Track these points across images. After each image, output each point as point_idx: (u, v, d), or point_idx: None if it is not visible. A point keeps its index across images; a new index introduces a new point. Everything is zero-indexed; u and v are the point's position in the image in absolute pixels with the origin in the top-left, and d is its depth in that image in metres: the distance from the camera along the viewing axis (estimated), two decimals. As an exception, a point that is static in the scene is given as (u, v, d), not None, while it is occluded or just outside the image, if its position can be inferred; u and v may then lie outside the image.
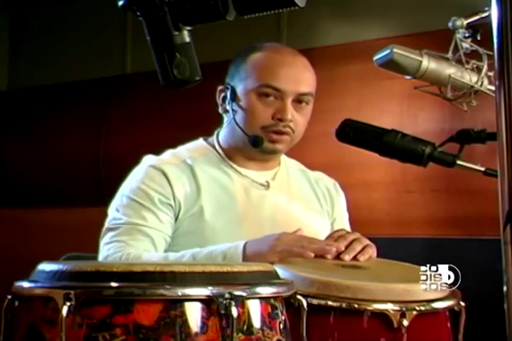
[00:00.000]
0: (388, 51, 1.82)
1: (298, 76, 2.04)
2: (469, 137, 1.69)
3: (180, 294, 1.30)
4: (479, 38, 1.81)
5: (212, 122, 2.16)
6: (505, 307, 1.15)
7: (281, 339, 1.38)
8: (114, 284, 1.30)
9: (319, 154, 3.49)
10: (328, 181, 2.25)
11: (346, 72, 3.83)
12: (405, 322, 1.52)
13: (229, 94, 2.06)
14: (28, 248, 4.14)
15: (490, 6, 1.17)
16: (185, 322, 1.30)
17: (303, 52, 2.12)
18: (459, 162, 1.68)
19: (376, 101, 3.72)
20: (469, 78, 1.82)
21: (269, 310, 1.38)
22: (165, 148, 2.14)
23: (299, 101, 2.04)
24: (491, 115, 1.18)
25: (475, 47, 1.82)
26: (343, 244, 1.83)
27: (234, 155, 2.11)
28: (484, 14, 1.80)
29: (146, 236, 1.97)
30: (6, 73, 5.32)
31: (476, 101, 1.84)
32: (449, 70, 1.82)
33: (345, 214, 2.26)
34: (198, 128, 2.26)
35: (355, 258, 1.81)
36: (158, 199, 1.99)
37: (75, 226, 4.15)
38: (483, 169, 1.66)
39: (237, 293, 1.31)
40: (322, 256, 1.79)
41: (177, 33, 1.45)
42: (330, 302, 1.54)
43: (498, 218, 1.14)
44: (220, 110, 2.11)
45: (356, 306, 1.54)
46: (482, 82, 1.83)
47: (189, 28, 1.46)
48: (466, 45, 1.82)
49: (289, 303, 1.45)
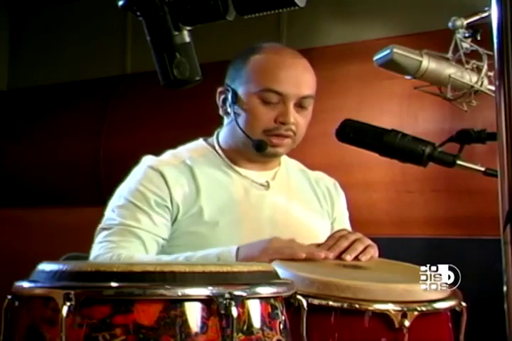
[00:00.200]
0: (388, 51, 1.82)
1: (299, 78, 2.03)
2: (469, 137, 1.69)
3: (180, 294, 1.29)
4: (479, 38, 1.81)
5: (213, 122, 2.16)
6: (505, 307, 1.15)
7: (281, 339, 1.38)
8: (114, 284, 1.30)
9: (319, 154, 3.49)
10: (329, 181, 2.25)
11: (346, 72, 3.82)
12: (407, 323, 1.52)
13: (230, 96, 2.05)
14: (28, 248, 4.13)
15: (490, 6, 1.17)
16: (185, 322, 1.29)
17: (303, 53, 2.11)
18: (459, 162, 1.68)
19: (376, 101, 3.72)
20: (469, 78, 1.82)
21: (269, 310, 1.38)
22: (165, 148, 2.14)
23: (301, 103, 2.04)
24: (491, 115, 1.18)
25: (475, 47, 1.82)
26: (345, 244, 1.83)
27: (234, 155, 2.11)
28: (484, 14, 1.80)
29: (137, 238, 1.97)
30: (6, 73, 5.32)
31: (476, 101, 1.84)
32: (449, 70, 1.82)
33: (346, 213, 2.26)
34: (198, 128, 2.25)
35: (357, 258, 1.82)
36: (155, 200, 1.99)
37: (75, 226, 4.13)
38: (483, 169, 1.66)
39: (237, 293, 1.31)
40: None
41: (177, 33, 1.45)
42: (331, 303, 1.53)
43: (498, 218, 1.14)
44: (220, 112, 2.11)
45: (357, 306, 1.53)
46: (482, 82, 1.83)
47: (189, 28, 1.46)
48: (466, 45, 1.82)
49: (289, 303, 1.45)
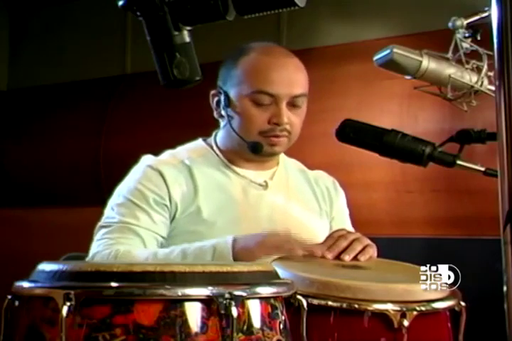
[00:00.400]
0: (388, 51, 1.82)
1: (290, 78, 2.02)
2: (469, 137, 1.69)
3: (180, 294, 1.30)
4: (479, 38, 1.81)
5: (212, 122, 2.16)
6: (505, 307, 1.15)
7: (281, 339, 1.38)
8: (114, 284, 1.30)
9: (319, 154, 3.49)
10: (328, 179, 2.24)
11: (346, 72, 3.82)
12: (406, 323, 1.52)
13: (223, 99, 2.05)
14: (28, 248, 4.13)
15: (490, 6, 1.17)
16: (185, 322, 1.29)
17: (303, 52, 2.12)
18: (459, 162, 1.68)
19: (376, 101, 3.71)
20: (469, 78, 1.82)
21: (269, 310, 1.38)
22: (165, 148, 2.14)
23: (293, 102, 2.03)
24: (491, 115, 1.18)
25: (475, 47, 1.82)
26: (344, 244, 1.83)
27: (231, 156, 2.11)
28: (484, 14, 1.80)
29: (136, 235, 1.98)
30: (6, 73, 5.32)
31: (476, 101, 1.84)
32: (449, 70, 1.82)
33: (346, 212, 2.25)
34: (197, 128, 2.25)
35: (356, 258, 1.82)
36: (154, 199, 2.00)
37: (75, 226, 4.12)
38: (483, 169, 1.66)
39: (237, 293, 1.31)
40: (322, 256, 1.80)
41: (177, 33, 1.45)
42: (330, 303, 1.53)
43: (498, 218, 1.14)
44: (215, 115, 2.10)
45: (356, 306, 1.53)
46: (482, 82, 1.83)
47: (189, 28, 1.46)
48: (466, 45, 1.82)
49: (289, 303, 1.45)
